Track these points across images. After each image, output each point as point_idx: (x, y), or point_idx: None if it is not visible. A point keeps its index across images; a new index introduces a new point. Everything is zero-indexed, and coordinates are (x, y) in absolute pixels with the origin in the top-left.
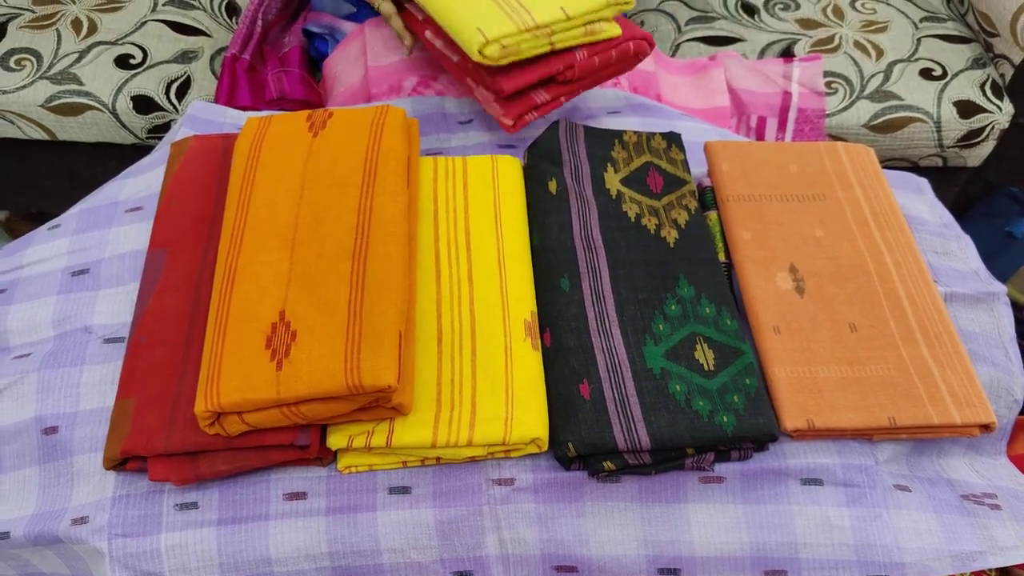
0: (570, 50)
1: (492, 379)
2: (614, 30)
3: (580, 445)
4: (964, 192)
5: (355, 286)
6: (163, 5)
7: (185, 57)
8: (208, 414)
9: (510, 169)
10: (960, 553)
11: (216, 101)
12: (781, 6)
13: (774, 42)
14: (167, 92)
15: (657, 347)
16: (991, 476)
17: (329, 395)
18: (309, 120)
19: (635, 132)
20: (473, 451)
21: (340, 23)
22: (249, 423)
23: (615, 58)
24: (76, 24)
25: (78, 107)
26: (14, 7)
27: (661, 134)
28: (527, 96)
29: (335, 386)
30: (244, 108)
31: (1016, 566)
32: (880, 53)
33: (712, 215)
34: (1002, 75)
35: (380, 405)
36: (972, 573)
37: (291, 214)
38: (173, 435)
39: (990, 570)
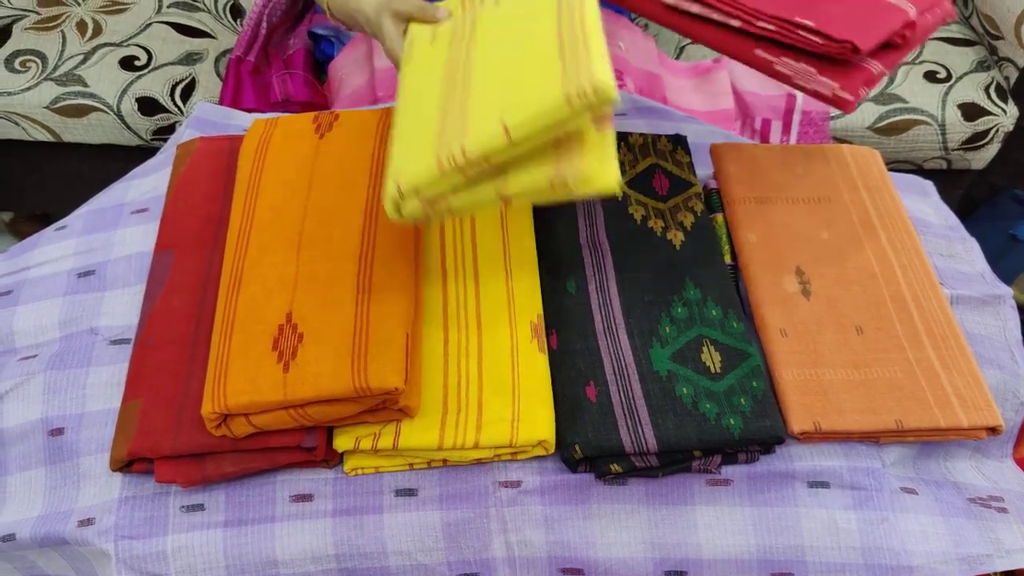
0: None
1: (499, 381)
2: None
3: (587, 447)
4: (968, 195)
5: (362, 288)
6: (168, 7)
7: (190, 59)
8: (215, 416)
9: None
10: (967, 556)
11: (221, 102)
12: None
13: None
14: (172, 94)
15: (664, 349)
16: (997, 479)
17: (336, 397)
18: (315, 122)
19: (641, 134)
20: (480, 453)
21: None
22: (256, 425)
23: (937, 17)
24: (81, 26)
25: (83, 109)
26: (19, 9)
27: (667, 136)
28: (859, 66)
29: (342, 388)
30: (249, 110)
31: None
32: None
33: (718, 217)
34: (1006, 78)
35: (387, 407)
36: None
37: (298, 216)
38: (180, 437)
39: (996, 573)
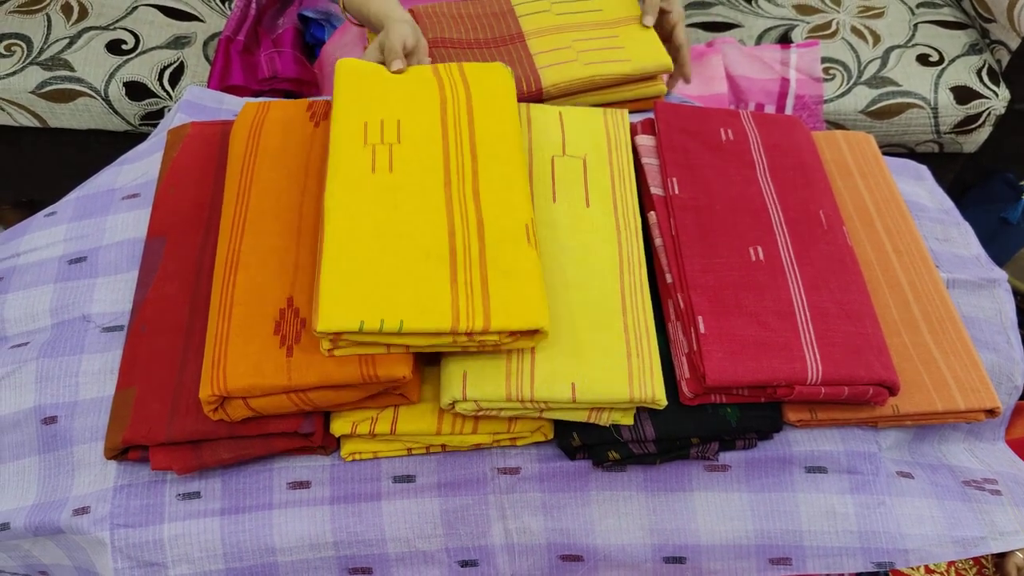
0: None
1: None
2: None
3: (584, 435)
4: (959, 178)
5: None
6: None
7: (178, 43)
8: (213, 399)
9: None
10: (962, 539)
11: (209, 80)
12: None
13: (771, 28)
14: (160, 78)
15: (661, 337)
16: (990, 461)
17: (342, 384)
18: (310, 109)
19: None
20: (478, 438)
21: (337, 8)
22: (254, 408)
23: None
24: (66, 9)
25: (69, 93)
26: None
27: None
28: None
29: (350, 376)
30: (237, 86)
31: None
32: (877, 39)
33: None
34: (998, 61)
35: (389, 392)
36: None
37: (296, 201)
38: (175, 424)
39: (989, 555)
